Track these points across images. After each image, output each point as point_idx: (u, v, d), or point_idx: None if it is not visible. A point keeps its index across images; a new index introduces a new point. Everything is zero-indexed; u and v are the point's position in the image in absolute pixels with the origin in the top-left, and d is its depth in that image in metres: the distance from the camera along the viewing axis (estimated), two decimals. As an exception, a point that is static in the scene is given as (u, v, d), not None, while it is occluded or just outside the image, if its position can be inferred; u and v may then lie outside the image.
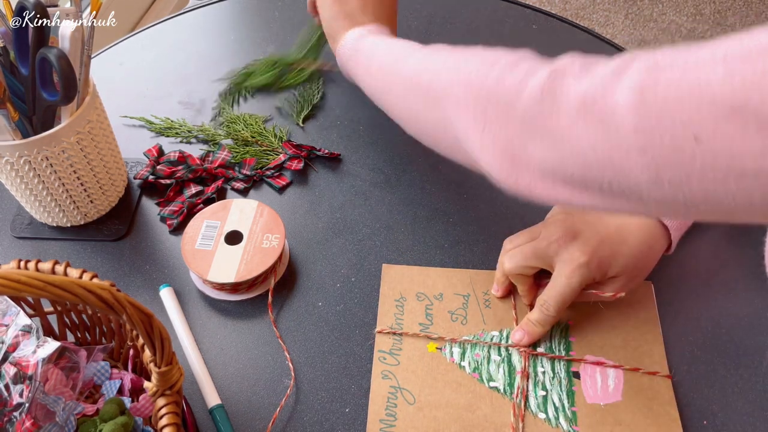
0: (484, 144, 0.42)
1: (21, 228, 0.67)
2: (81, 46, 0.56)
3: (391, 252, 0.65)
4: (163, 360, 0.41)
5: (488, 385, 0.56)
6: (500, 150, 0.41)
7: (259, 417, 0.55)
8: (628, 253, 0.54)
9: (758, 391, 0.55)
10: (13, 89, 0.58)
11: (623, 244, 0.54)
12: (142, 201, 0.70)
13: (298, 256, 0.65)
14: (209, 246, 0.60)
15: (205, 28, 0.89)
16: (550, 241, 0.54)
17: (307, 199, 0.70)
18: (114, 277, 0.64)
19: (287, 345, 0.59)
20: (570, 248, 0.54)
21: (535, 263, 0.56)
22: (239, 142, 0.74)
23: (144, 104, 0.79)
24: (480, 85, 0.42)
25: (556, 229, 0.55)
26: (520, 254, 0.56)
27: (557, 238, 0.54)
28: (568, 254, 0.54)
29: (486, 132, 0.41)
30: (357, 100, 0.79)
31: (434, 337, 0.58)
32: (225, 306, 0.62)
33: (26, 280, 0.31)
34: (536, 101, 0.38)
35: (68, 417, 0.46)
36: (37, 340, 0.48)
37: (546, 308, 0.55)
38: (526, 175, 0.40)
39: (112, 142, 0.65)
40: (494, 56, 0.44)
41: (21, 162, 0.57)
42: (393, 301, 0.61)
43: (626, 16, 2.06)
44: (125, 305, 0.36)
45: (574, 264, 0.53)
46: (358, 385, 0.56)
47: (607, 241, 0.54)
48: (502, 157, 0.41)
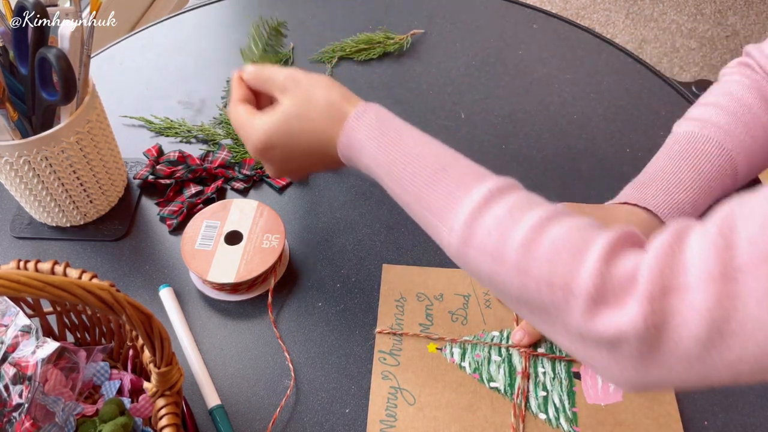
0: (602, 366, 0.38)
1: (20, 228, 0.67)
2: (80, 46, 0.56)
3: (391, 252, 0.65)
4: (163, 360, 0.41)
5: (489, 385, 0.56)
6: (625, 379, 0.38)
7: (259, 417, 0.55)
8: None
9: (758, 391, 0.55)
10: (12, 89, 0.58)
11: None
12: (142, 201, 0.70)
13: (298, 256, 0.65)
14: (209, 246, 0.60)
15: (205, 28, 0.89)
16: None
17: (307, 199, 0.70)
18: (114, 277, 0.64)
19: (287, 345, 0.59)
20: None
21: None
22: (239, 142, 0.74)
23: (144, 104, 0.79)
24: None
25: None
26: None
27: None
28: None
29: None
30: (357, 100, 0.79)
31: (434, 338, 0.58)
32: (225, 306, 0.62)
33: (26, 280, 0.31)
34: (648, 336, 0.34)
35: (68, 417, 0.46)
36: (36, 341, 0.48)
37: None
38: (658, 385, 0.37)
39: (111, 142, 0.65)
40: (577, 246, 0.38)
41: (20, 162, 0.57)
42: (393, 302, 0.61)
43: (627, 16, 2.06)
44: (125, 305, 0.36)
45: None
46: (358, 385, 0.56)
47: None
48: (627, 382, 0.38)
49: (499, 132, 0.75)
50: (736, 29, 2.03)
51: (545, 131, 0.76)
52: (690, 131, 0.61)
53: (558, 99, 0.79)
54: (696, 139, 0.60)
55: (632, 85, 0.80)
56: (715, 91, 0.64)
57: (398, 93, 0.80)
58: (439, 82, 0.81)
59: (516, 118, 0.77)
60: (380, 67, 0.83)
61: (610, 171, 0.71)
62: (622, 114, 0.77)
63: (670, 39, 2.00)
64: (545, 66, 0.83)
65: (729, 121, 0.60)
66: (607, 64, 0.83)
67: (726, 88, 0.63)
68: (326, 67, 0.83)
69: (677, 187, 0.58)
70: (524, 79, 0.81)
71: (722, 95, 0.62)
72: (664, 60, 1.94)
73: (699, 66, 1.93)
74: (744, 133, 0.60)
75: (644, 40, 1.99)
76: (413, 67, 0.83)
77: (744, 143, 0.60)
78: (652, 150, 0.73)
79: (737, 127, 0.60)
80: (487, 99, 0.79)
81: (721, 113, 0.61)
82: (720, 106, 0.61)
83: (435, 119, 0.77)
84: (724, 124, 0.60)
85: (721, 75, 0.66)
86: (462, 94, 0.80)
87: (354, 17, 0.89)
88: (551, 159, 0.73)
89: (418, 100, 0.79)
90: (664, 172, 0.59)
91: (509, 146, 0.74)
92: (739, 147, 0.60)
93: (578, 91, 0.80)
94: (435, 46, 0.86)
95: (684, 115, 0.64)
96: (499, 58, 0.84)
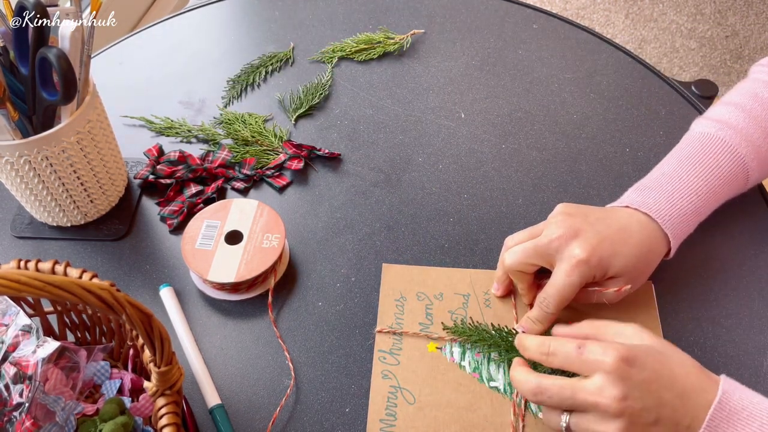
0: None
1: (21, 228, 0.67)
2: (81, 46, 0.56)
3: (391, 252, 0.65)
4: (163, 360, 0.41)
5: (488, 384, 0.56)
6: None
7: (259, 417, 0.55)
8: (629, 253, 0.54)
9: (758, 391, 0.55)
10: (13, 89, 0.58)
11: (624, 245, 0.54)
12: (142, 201, 0.70)
13: (298, 256, 0.65)
14: (209, 246, 0.60)
15: (205, 28, 0.89)
16: (551, 239, 0.54)
17: (307, 198, 0.70)
18: (114, 276, 0.64)
19: (287, 345, 0.59)
20: (571, 246, 0.54)
21: (536, 260, 0.56)
22: (239, 142, 0.74)
23: (144, 104, 0.79)
24: None
25: (558, 228, 0.55)
26: (522, 251, 0.56)
27: (558, 236, 0.54)
28: (568, 251, 0.54)
29: None
30: (357, 100, 0.79)
31: (434, 337, 0.58)
32: (225, 306, 0.62)
33: (26, 280, 0.31)
34: None
35: (68, 417, 0.46)
36: (37, 340, 0.48)
37: (545, 305, 0.55)
38: None
39: (112, 142, 0.65)
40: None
41: (21, 162, 0.57)
42: (393, 301, 0.61)
43: (627, 16, 2.06)
44: (125, 305, 0.36)
45: (574, 261, 0.53)
46: (358, 384, 0.56)
47: (608, 240, 0.54)
48: None
49: (499, 132, 0.76)
50: (735, 29, 2.03)
51: (545, 131, 0.76)
52: (705, 132, 0.61)
53: (558, 99, 0.79)
54: (710, 141, 0.59)
55: (632, 85, 0.80)
56: (741, 89, 0.63)
57: (398, 93, 0.80)
58: (439, 82, 0.81)
59: (516, 118, 0.77)
60: (380, 67, 0.83)
61: (610, 171, 0.72)
62: (622, 114, 0.77)
63: (669, 39, 2.00)
64: (545, 66, 0.83)
65: (748, 125, 0.59)
66: (607, 64, 0.83)
67: (753, 89, 0.61)
68: (326, 67, 0.83)
69: (680, 193, 0.58)
70: (524, 79, 0.81)
71: (748, 96, 0.61)
72: (664, 60, 1.94)
73: (699, 66, 1.93)
74: (762, 138, 0.59)
75: (644, 40, 1.99)
76: (413, 67, 0.83)
77: (760, 149, 0.59)
78: (651, 149, 0.74)
79: (756, 131, 0.59)
80: (487, 99, 0.79)
81: (741, 115, 0.60)
82: (742, 108, 0.60)
83: (435, 119, 0.77)
84: (743, 127, 0.59)
85: (750, 72, 0.65)
86: (462, 94, 0.80)
87: (354, 17, 0.90)
88: (551, 159, 0.73)
89: (418, 100, 0.79)
90: (670, 177, 0.59)
91: (509, 146, 0.74)
92: (754, 152, 0.59)
93: (578, 91, 0.80)
94: (435, 46, 0.86)
95: (705, 113, 0.64)
96: (499, 58, 0.84)
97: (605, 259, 0.53)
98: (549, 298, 0.54)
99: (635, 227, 0.56)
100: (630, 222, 0.56)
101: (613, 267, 0.54)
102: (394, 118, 0.77)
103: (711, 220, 0.60)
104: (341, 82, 0.82)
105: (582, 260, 0.53)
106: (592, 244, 0.53)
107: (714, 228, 0.64)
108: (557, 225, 0.55)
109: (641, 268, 0.56)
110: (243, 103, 0.80)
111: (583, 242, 0.53)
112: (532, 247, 0.55)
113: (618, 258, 0.54)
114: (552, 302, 0.54)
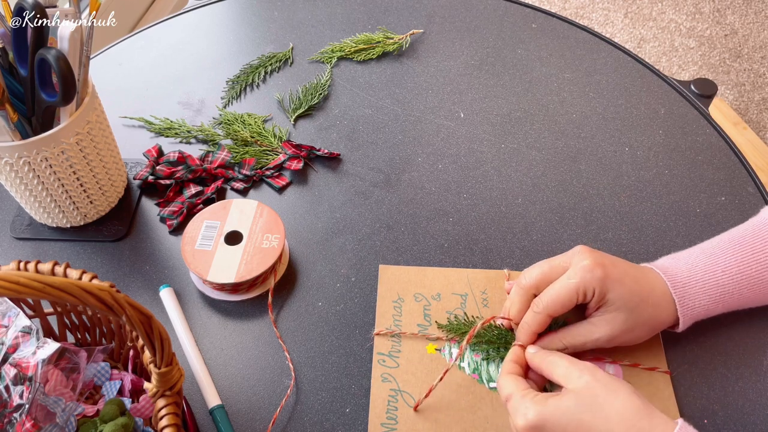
0: None
1: (21, 229, 0.67)
2: (80, 47, 0.56)
3: (390, 252, 0.65)
4: (163, 361, 0.41)
5: (488, 385, 0.56)
6: None
7: (259, 417, 0.55)
8: (635, 290, 0.53)
9: (758, 391, 0.55)
10: (12, 90, 0.58)
11: (634, 283, 0.53)
12: (142, 201, 0.70)
13: (298, 256, 0.65)
14: (209, 246, 0.60)
15: (205, 28, 0.89)
16: (568, 256, 0.55)
17: (307, 199, 0.70)
18: (114, 277, 0.64)
19: (287, 345, 0.59)
20: (583, 255, 0.54)
21: (551, 272, 0.55)
22: (239, 142, 0.74)
23: (143, 104, 0.79)
24: None
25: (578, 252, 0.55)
26: (538, 267, 0.56)
27: (580, 251, 0.54)
28: (578, 258, 0.54)
29: None
30: (356, 100, 0.79)
31: (433, 338, 0.58)
32: (225, 306, 0.62)
33: (26, 281, 0.31)
34: None
35: (68, 418, 0.46)
36: (37, 341, 0.48)
37: (535, 304, 0.54)
38: None
39: (111, 143, 0.65)
40: None
41: (20, 163, 0.57)
42: (390, 303, 0.61)
43: (626, 15, 2.06)
44: (125, 306, 0.36)
45: (579, 266, 0.53)
46: (358, 384, 0.56)
47: (622, 269, 0.53)
48: None
49: (498, 131, 0.76)
50: (734, 28, 2.03)
51: (544, 130, 0.76)
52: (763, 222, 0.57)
53: (557, 98, 0.79)
54: (763, 233, 0.56)
55: (631, 84, 0.80)
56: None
57: (397, 93, 0.80)
58: (438, 81, 0.81)
59: (515, 118, 0.77)
60: (380, 67, 0.83)
61: (609, 170, 0.72)
62: (621, 113, 0.77)
63: (668, 38, 2.00)
64: (544, 65, 0.83)
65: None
66: (606, 63, 0.83)
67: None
68: (325, 67, 0.83)
69: (708, 292, 0.55)
70: (523, 79, 0.81)
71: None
72: (663, 59, 1.94)
73: (698, 65, 1.93)
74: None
75: (643, 39, 1.99)
76: (412, 67, 0.83)
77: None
78: (651, 148, 0.74)
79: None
80: (486, 98, 0.79)
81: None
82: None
83: (434, 119, 0.77)
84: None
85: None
86: (461, 94, 0.80)
87: (353, 17, 0.90)
88: (550, 158, 0.73)
89: (418, 99, 0.79)
90: (709, 273, 0.55)
91: (508, 145, 0.74)
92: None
93: (577, 91, 0.80)
94: (434, 45, 0.86)
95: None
96: (498, 57, 0.84)
97: (609, 278, 0.52)
98: (543, 296, 0.54)
99: (659, 288, 0.54)
100: (655, 280, 0.55)
101: (612, 291, 0.53)
102: (394, 118, 0.77)
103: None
104: (340, 82, 0.82)
105: (586, 266, 0.52)
106: (604, 263, 0.53)
107: (714, 228, 0.64)
108: (581, 254, 0.55)
109: (640, 313, 0.54)
110: (242, 104, 0.80)
111: (597, 257, 0.53)
112: (548, 263, 0.55)
113: (623, 284, 0.53)
114: (543, 301, 0.53)
